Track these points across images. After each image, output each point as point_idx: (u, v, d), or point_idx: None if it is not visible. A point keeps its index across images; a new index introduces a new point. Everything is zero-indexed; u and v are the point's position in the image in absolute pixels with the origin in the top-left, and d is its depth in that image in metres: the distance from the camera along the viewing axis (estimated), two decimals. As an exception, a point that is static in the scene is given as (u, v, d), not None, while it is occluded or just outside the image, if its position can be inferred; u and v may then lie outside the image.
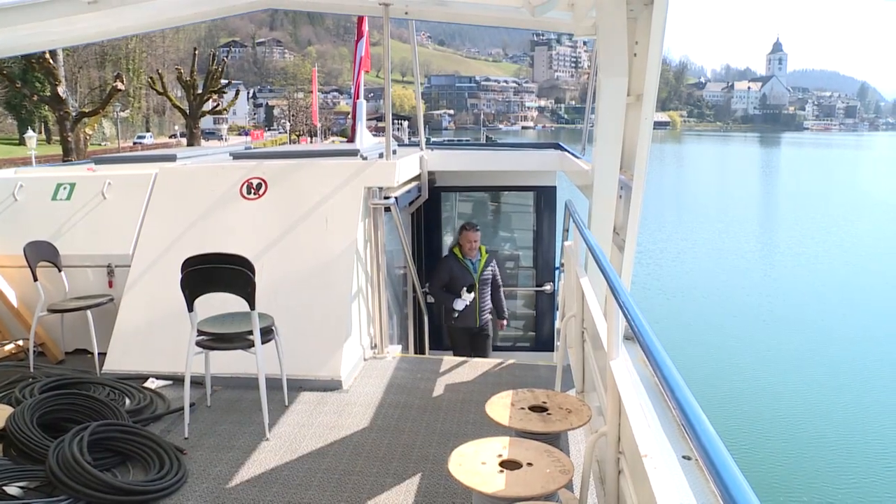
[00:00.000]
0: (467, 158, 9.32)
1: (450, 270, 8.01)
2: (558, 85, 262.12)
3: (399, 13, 7.31)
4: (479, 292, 8.01)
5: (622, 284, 2.97)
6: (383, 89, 7.38)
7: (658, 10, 3.84)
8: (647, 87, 4.06)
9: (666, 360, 2.07)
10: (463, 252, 7.99)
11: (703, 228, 36.96)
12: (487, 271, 8.16)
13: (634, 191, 4.32)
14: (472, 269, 7.98)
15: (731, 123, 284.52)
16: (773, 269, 28.28)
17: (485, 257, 8.12)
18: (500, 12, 7.16)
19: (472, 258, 8.01)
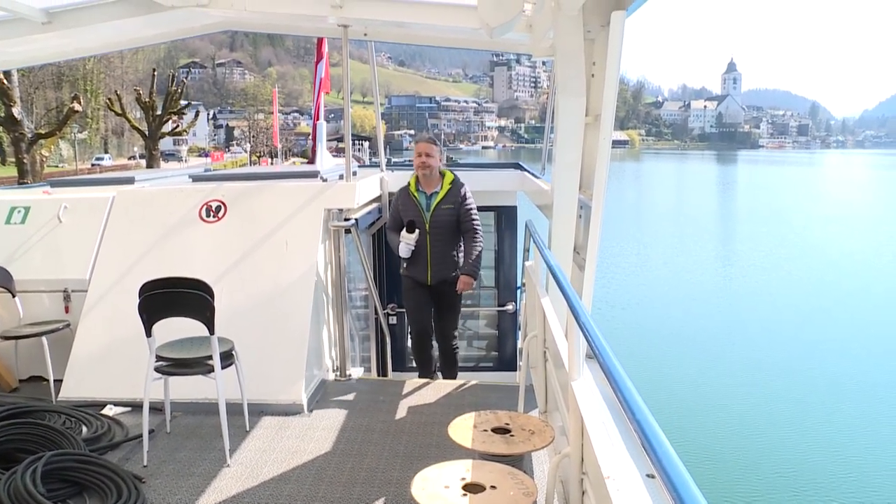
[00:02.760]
0: None
1: (397, 206, 6.58)
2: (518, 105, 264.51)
3: (358, 35, 7.32)
4: (430, 237, 6.33)
5: (582, 305, 2.97)
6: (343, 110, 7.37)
7: (614, 32, 3.88)
8: (605, 107, 4.09)
9: (626, 382, 2.07)
10: (417, 179, 6.46)
11: (663, 244, 37.38)
12: (445, 210, 6.35)
13: (594, 210, 4.34)
14: (423, 206, 6.35)
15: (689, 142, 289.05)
16: (731, 283, 28.68)
17: (446, 189, 6.36)
18: (458, 34, 7.19)
19: (426, 188, 6.41)
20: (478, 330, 9.95)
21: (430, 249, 6.36)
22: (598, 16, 4.21)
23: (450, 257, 6.44)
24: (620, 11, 3.85)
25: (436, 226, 6.34)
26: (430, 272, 6.42)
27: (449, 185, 6.41)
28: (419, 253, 6.37)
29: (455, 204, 6.35)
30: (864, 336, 21.20)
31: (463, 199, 6.39)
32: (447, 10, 6.02)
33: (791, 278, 29.25)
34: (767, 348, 20.01)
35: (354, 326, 7.75)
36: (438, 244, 6.37)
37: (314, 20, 7.12)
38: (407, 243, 6.28)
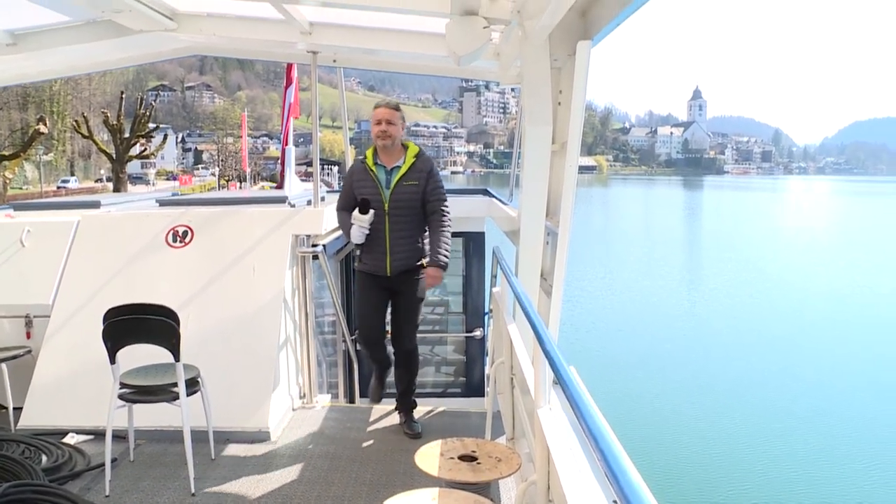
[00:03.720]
0: None
1: (350, 182, 5.63)
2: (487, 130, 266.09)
3: (327, 61, 7.34)
4: (389, 219, 5.39)
5: (548, 334, 2.98)
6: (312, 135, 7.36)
7: (580, 61, 3.92)
8: (572, 135, 4.13)
9: (591, 410, 2.07)
10: (376, 152, 5.54)
11: (630, 269, 37.68)
12: (408, 187, 5.43)
13: (560, 237, 4.36)
14: (382, 182, 5.42)
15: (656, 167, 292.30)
16: (696, 307, 28.99)
17: (409, 163, 5.45)
18: (427, 61, 7.22)
19: (385, 162, 5.48)
20: (446, 356, 9.94)
21: (388, 234, 5.41)
22: (564, 45, 4.26)
23: (413, 243, 5.54)
24: (586, 41, 3.90)
25: (397, 206, 5.39)
26: (389, 261, 5.46)
27: (413, 159, 5.46)
28: (376, 238, 5.42)
29: (420, 180, 5.42)
30: (823, 362, 21.49)
31: (429, 175, 5.49)
32: (416, 37, 6.06)
33: (753, 303, 29.65)
34: (731, 372, 20.25)
35: (322, 353, 7.71)
36: (400, 227, 5.43)
37: (283, 46, 7.13)
38: (360, 226, 5.34)
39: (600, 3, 3.83)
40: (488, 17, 4.11)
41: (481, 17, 4.10)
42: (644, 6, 3.34)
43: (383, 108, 5.49)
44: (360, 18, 5.78)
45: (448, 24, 4.18)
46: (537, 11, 3.81)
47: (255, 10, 5.62)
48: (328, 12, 5.60)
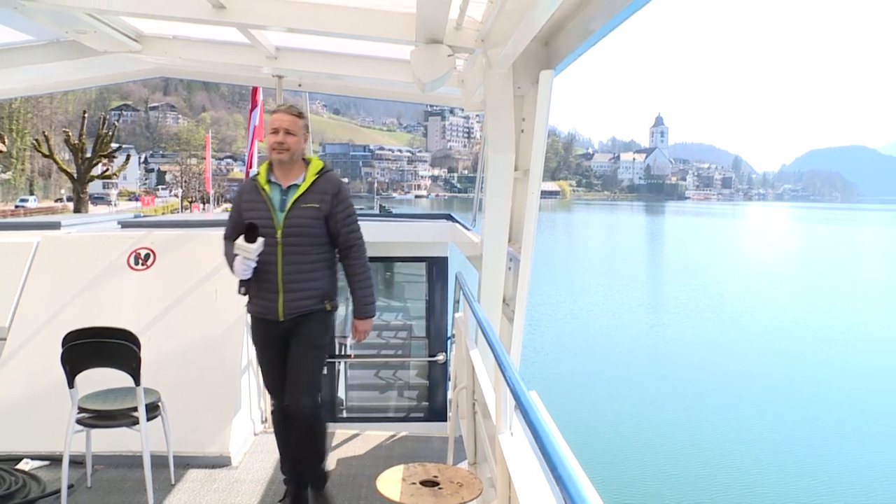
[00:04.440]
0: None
1: (239, 203, 4.66)
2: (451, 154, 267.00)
3: (293, 85, 7.36)
4: (282, 249, 4.38)
5: (509, 359, 3.01)
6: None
7: (543, 90, 3.99)
8: (534, 162, 4.18)
9: (551, 437, 2.10)
10: (271, 167, 4.53)
11: (592, 293, 37.92)
12: (307, 211, 4.40)
13: (522, 263, 4.40)
14: (275, 203, 4.42)
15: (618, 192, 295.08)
16: (657, 331, 29.27)
17: (310, 182, 4.44)
18: (392, 86, 7.28)
19: (281, 179, 4.47)
20: (408, 380, 9.92)
21: (281, 268, 4.41)
22: (527, 74, 4.33)
23: (312, 280, 4.49)
24: (549, 71, 3.98)
25: (292, 233, 4.40)
26: (281, 302, 4.44)
27: (315, 177, 4.47)
28: (265, 273, 4.43)
29: (323, 203, 4.42)
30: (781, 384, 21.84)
31: (336, 198, 4.47)
32: (381, 63, 6.11)
33: (713, 327, 30.02)
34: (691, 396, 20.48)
35: None
36: (295, 260, 4.44)
37: (249, 70, 7.14)
38: (246, 257, 4.33)
39: (562, 34, 3.91)
40: (453, 46, 4.17)
41: (446, 46, 4.16)
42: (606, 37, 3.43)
43: (282, 113, 4.42)
44: (326, 44, 5.81)
45: (413, 51, 4.23)
46: (501, 41, 3.87)
47: (222, 34, 5.64)
48: (294, 37, 5.63)
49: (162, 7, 4.37)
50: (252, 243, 4.28)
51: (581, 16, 3.51)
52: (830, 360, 25.00)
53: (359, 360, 9.77)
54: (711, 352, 25.84)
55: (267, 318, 4.52)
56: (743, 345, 26.93)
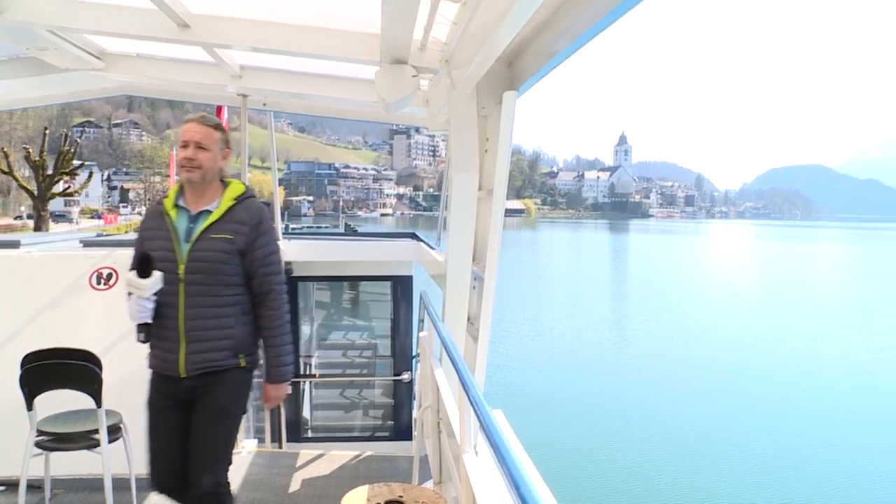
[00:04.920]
0: (324, 249, 9.30)
1: (140, 232, 3.87)
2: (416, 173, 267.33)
3: (257, 104, 7.35)
4: (184, 288, 3.56)
5: (473, 379, 3.02)
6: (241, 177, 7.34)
7: (506, 110, 4.02)
8: (497, 182, 4.21)
9: (513, 458, 2.11)
10: (182, 190, 3.77)
11: (557, 310, 38.11)
12: (218, 242, 3.61)
13: (486, 282, 4.42)
14: (180, 232, 3.64)
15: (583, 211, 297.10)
16: (621, 348, 29.52)
17: (225, 208, 3.67)
18: (357, 106, 7.29)
19: (191, 203, 3.72)
20: (373, 399, 9.89)
21: (183, 312, 3.58)
22: (491, 94, 4.36)
23: (221, 328, 3.64)
24: (512, 91, 4.01)
25: (197, 269, 3.58)
26: (183, 355, 3.60)
27: (232, 202, 3.70)
28: (164, 318, 3.61)
29: (238, 235, 3.62)
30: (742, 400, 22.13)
31: (256, 230, 3.67)
32: (346, 83, 6.12)
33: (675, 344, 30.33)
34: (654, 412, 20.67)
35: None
36: (200, 302, 3.60)
37: (213, 88, 7.12)
38: (140, 297, 3.52)
39: (525, 55, 3.95)
40: (417, 66, 4.19)
41: (410, 66, 4.17)
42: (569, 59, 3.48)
43: (193, 123, 3.68)
44: (291, 63, 5.82)
45: (377, 71, 4.25)
46: (465, 62, 3.90)
47: (186, 53, 5.62)
48: (259, 57, 5.62)
49: (125, 25, 4.34)
50: (145, 278, 3.50)
51: (544, 38, 3.55)
52: (790, 375, 25.38)
53: (324, 380, 9.74)
54: (674, 368, 26.11)
55: (166, 373, 3.68)
56: (705, 361, 27.26)
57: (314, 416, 9.64)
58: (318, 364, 9.94)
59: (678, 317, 36.91)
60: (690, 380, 24.44)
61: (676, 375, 25.05)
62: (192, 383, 3.62)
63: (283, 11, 4.22)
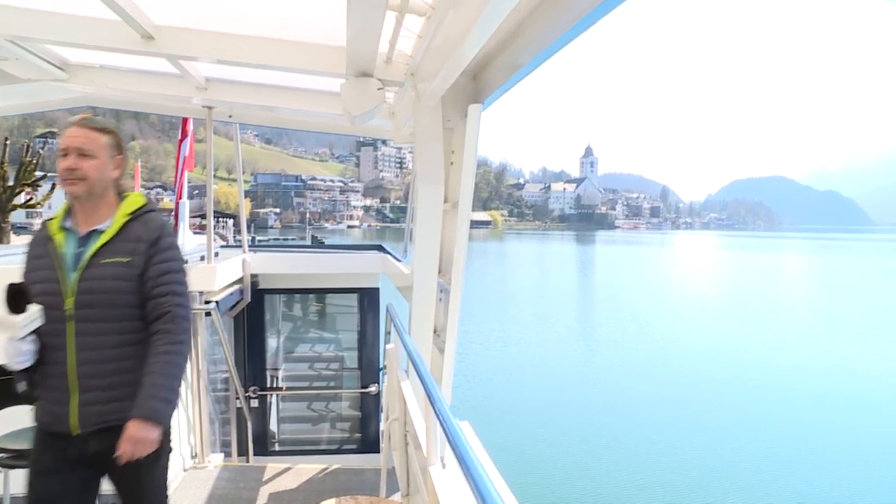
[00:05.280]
0: (291, 261, 9.27)
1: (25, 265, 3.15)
2: (383, 185, 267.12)
3: (223, 116, 7.31)
4: (73, 330, 2.94)
5: (439, 392, 3.02)
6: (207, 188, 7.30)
7: (471, 123, 4.04)
8: (463, 194, 4.23)
9: (480, 470, 2.11)
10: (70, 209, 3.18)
11: (525, 321, 38.23)
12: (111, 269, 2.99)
13: (453, 294, 4.43)
14: (68, 258, 3.02)
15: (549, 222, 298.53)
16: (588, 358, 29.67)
17: (118, 226, 3.08)
18: (323, 118, 7.28)
19: (80, 223, 3.12)
20: (341, 412, 9.86)
21: (73, 355, 2.95)
22: (456, 107, 4.38)
23: (121, 373, 2.99)
24: (477, 105, 4.04)
25: (87, 302, 2.95)
26: (75, 407, 2.98)
27: (126, 218, 3.12)
28: (51, 364, 2.99)
29: (136, 256, 3.02)
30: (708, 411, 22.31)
31: (156, 246, 3.06)
32: (312, 95, 6.11)
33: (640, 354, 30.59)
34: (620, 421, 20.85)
35: (214, 410, 7.54)
36: (93, 343, 2.96)
37: (178, 100, 7.07)
38: (13, 338, 2.88)
39: (491, 69, 3.97)
40: (382, 79, 4.20)
41: (376, 79, 4.18)
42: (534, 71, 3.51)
43: (75, 128, 3.10)
44: (257, 75, 5.80)
45: (343, 84, 4.25)
46: (430, 75, 3.92)
47: (151, 64, 5.58)
48: (225, 68, 5.60)
49: (88, 36, 4.30)
50: (17, 314, 2.85)
51: (508, 51, 3.58)
52: (754, 384, 25.68)
53: (290, 393, 9.69)
54: (640, 378, 26.29)
55: (55, 430, 3.02)
56: (670, 371, 27.49)
57: (281, 429, 9.59)
58: (285, 377, 9.89)
59: (644, 327, 37.19)
60: (656, 389, 24.61)
61: (642, 385, 25.22)
62: (90, 442, 2.98)
63: (249, 24, 4.21)
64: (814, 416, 21.94)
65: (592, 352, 30.94)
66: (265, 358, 9.09)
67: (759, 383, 25.91)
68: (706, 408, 22.35)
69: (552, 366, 27.78)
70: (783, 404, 23.25)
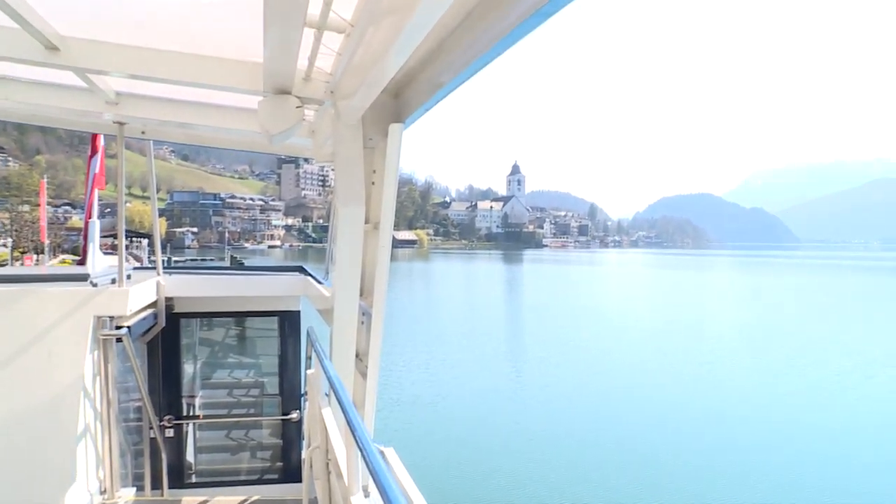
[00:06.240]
0: (208, 283, 9.10)
1: None
2: (305, 203, 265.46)
3: (136, 133, 7.17)
4: None
5: (360, 419, 3.01)
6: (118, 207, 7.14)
7: (392, 143, 4.06)
8: (384, 215, 4.23)
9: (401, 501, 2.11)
10: None
11: (452, 342, 38.35)
12: None
13: (375, 317, 4.42)
14: None
15: (476, 241, 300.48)
16: (518, 379, 29.95)
17: None
18: (241, 136, 7.21)
19: None
20: (261, 440, 9.70)
21: None
22: (377, 126, 4.39)
23: None
24: (398, 124, 4.05)
25: None
26: None
27: None
28: None
29: None
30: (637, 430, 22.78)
31: None
32: (230, 112, 6.05)
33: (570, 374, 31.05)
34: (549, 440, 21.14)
35: (126, 441, 7.35)
36: None
37: (88, 115, 6.90)
38: None
39: (412, 87, 3.99)
40: (301, 97, 4.17)
41: (294, 97, 4.16)
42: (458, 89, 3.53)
43: None
44: (171, 91, 5.71)
45: (260, 101, 4.22)
46: (350, 93, 3.92)
47: (58, 77, 5.45)
48: (136, 83, 5.51)
49: (-12, 46, 4.18)
50: None
51: (430, 69, 3.60)
52: (682, 401, 26.31)
53: (208, 421, 9.51)
54: (568, 399, 26.63)
55: None
56: (598, 390, 27.93)
57: (198, 459, 9.39)
58: (203, 404, 9.70)
59: (572, 347, 37.71)
60: (584, 410, 25.00)
61: (570, 406, 25.55)
62: None
63: (162, 37, 4.15)
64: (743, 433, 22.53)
65: (520, 373, 31.21)
66: (181, 385, 8.90)
67: (687, 400, 26.65)
68: (635, 428, 22.76)
69: (479, 388, 27.89)
70: (710, 422, 23.85)
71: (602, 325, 47.81)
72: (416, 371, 30.32)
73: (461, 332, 42.66)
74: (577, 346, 38.11)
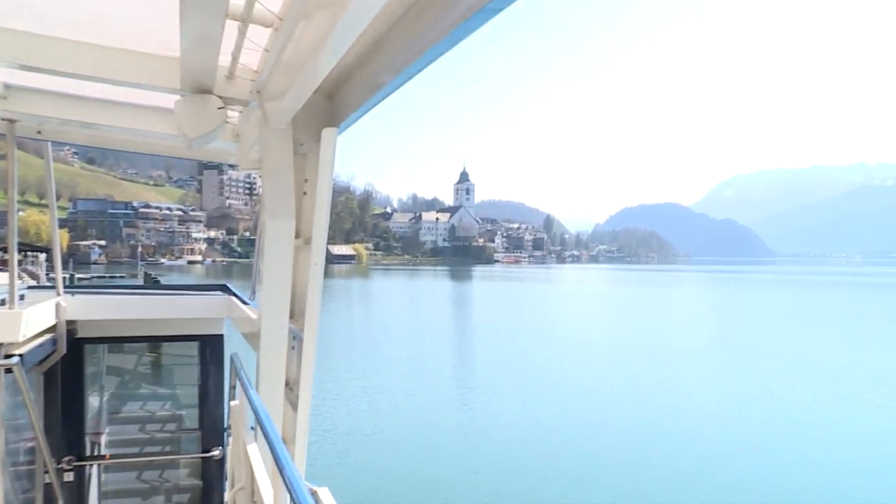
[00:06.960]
0: (118, 304, 8.92)
1: None
2: (230, 214, 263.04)
3: (30, 132, 6.99)
4: None
5: (289, 456, 2.98)
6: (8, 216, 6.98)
7: (326, 149, 4.03)
8: (317, 229, 4.20)
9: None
10: None
11: (394, 368, 38.32)
12: None
13: (306, 341, 4.39)
14: None
15: (421, 256, 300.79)
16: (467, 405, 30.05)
17: None
18: (156, 139, 7.09)
19: None
20: (178, 481, 9.54)
21: None
22: (309, 130, 4.35)
23: None
24: (332, 128, 4.02)
25: None
26: None
27: None
28: None
29: None
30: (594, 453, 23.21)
31: None
32: (142, 112, 5.94)
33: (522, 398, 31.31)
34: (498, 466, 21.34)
35: (14, 489, 7.16)
36: None
37: (-30, 110, 6.74)
38: None
39: (347, 88, 3.97)
40: (224, 97, 4.11)
41: (216, 96, 4.09)
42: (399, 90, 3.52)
43: None
44: (74, 86, 5.59)
45: (178, 101, 4.15)
46: (279, 93, 3.89)
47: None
48: (31, 75, 5.38)
49: None
50: None
51: (367, 69, 3.59)
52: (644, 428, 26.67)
53: (116, 462, 9.34)
54: (519, 426, 26.85)
55: None
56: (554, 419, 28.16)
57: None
58: (110, 442, 9.51)
59: (524, 372, 37.92)
60: (535, 437, 25.22)
61: (523, 435, 25.70)
62: None
63: (62, 25, 4.02)
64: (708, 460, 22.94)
65: (467, 401, 31.25)
66: (84, 421, 8.70)
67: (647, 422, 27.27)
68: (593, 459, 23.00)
69: (423, 418, 27.89)
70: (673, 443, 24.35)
71: (558, 348, 48.10)
72: (352, 400, 30.20)
73: (403, 357, 42.58)
74: (530, 371, 38.31)
